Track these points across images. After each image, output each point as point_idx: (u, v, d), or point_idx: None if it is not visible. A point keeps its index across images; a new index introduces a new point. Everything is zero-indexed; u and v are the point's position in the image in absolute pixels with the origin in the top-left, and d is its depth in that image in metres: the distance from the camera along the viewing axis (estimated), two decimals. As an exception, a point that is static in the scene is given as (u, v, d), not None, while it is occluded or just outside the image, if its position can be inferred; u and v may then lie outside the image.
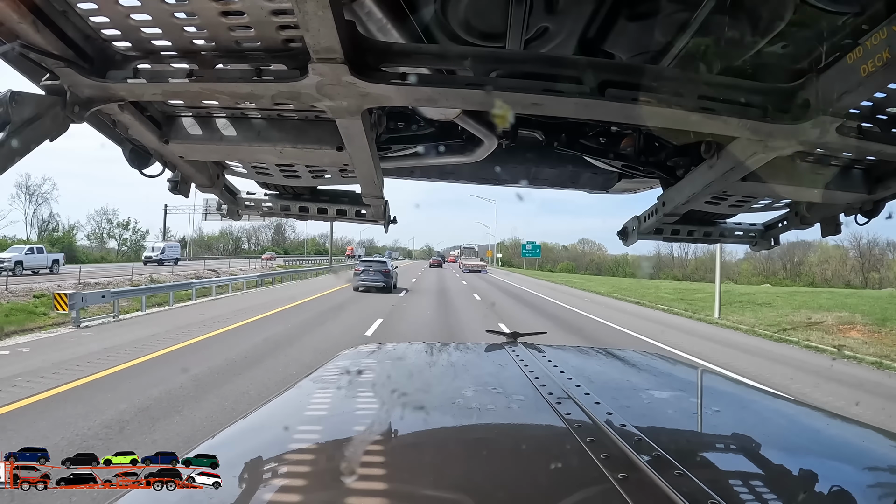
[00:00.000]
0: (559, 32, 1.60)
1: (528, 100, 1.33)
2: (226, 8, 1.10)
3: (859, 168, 1.92)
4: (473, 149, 2.04)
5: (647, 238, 2.46)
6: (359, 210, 2.38)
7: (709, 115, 1.36)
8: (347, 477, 0.96)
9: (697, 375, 1.93)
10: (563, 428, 1.14)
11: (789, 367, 11.37)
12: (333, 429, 1.28)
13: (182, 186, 2.00)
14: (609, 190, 2.74)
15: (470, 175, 2.59)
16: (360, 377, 1.75)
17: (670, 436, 1.22)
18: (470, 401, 1.42)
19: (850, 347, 13.94)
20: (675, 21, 1.50)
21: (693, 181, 1.97)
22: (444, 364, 1.97)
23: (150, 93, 1.37)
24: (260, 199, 2.43)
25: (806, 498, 1.00)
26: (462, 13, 1.54)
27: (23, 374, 8.22)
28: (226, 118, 1.67)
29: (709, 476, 0.94)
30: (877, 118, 1.49)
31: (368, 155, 1.67)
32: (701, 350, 12.72)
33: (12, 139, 1.20)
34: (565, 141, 2.21)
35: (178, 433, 5.71)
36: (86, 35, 1.24)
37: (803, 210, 2.22)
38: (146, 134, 1.62)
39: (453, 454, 1.13)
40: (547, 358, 1.71)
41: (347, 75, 1.21)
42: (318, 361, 1.86)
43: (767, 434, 1.32)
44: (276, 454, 1.14)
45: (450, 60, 1.39)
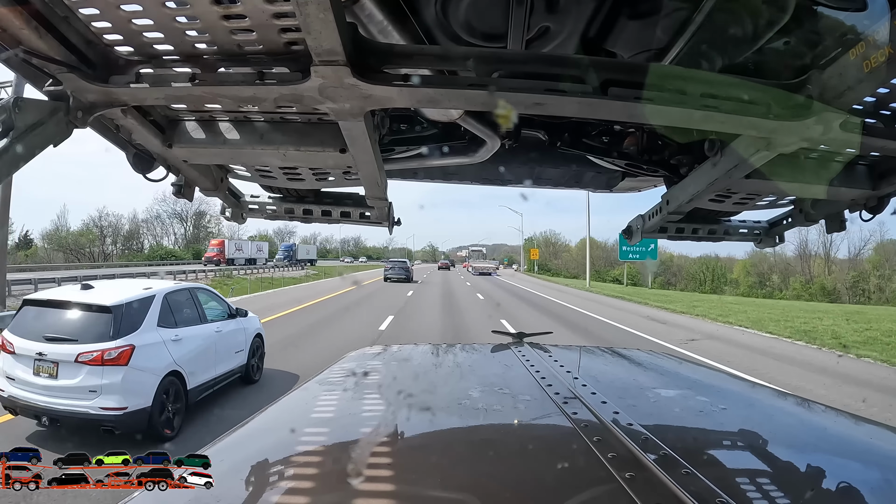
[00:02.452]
0: (560, 32, 1.60)
1: (530, 100, 1.33)
2: (227, 11, 1.10)
3: (863, 164, 1.91)
4: (476, 149, 2.04)
5: (651, 237, 2.45)
6: (363, 212, 2.38)
7: (712, 113, 1.36)
8: (354, 478, 0.95)
9: (704, 374, 1.92)
10: (569, 428, 1.13)
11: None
12: (340, 431, 1.28)
13: (186, 190, 2.01)
14: (613, 189, 2.73)
15: (473, 176, 2.59)
16: (365, 379, 1.75)
17: (677, 434, 1.22)
18: (476, 401, 1.41)
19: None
20: (676, 19, 1.49)
21: (697, 179, 1.97)
22: (449, 365, 1.97)
23: (152, 97, 1.38)
24: (264, 202, 2.43)
25: (814, 495, 0.99)
26: (463, 14, 1.54)
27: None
28: (228, 122, 1.67)
29: (716, 474, 0.94)
30: (880, 114, 1.49)
31: (372, 157, 1.67)
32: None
33: (16, 145, 1.20)
34: (568, 140, 2.20)
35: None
36: (88, 40, 1.25)
37: (807, 207, 2.21)
38: (149, 138, 1.63)
39: (460, 455, 1.12)
40: (553, 358, 1.70)
41: (350, 77, 1.21)
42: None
43: (775, 432, 1.31)
44: (283, 456, 1.14)
45: (452, 61, 1.39)
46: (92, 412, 5.25)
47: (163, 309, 6.28)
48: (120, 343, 5.49)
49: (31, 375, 5.40)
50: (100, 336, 5.50)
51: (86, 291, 5.95)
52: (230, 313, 7.93)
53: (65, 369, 5.35)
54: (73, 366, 5.33)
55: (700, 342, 14.08)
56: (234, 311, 8.07)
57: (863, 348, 13.34)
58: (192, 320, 6.92)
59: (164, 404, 5.80)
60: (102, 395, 5.29)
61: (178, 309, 6.69)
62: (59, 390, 5.32)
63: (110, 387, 5.32)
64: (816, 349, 13.74)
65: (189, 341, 6.56)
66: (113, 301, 5.75)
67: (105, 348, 5.39)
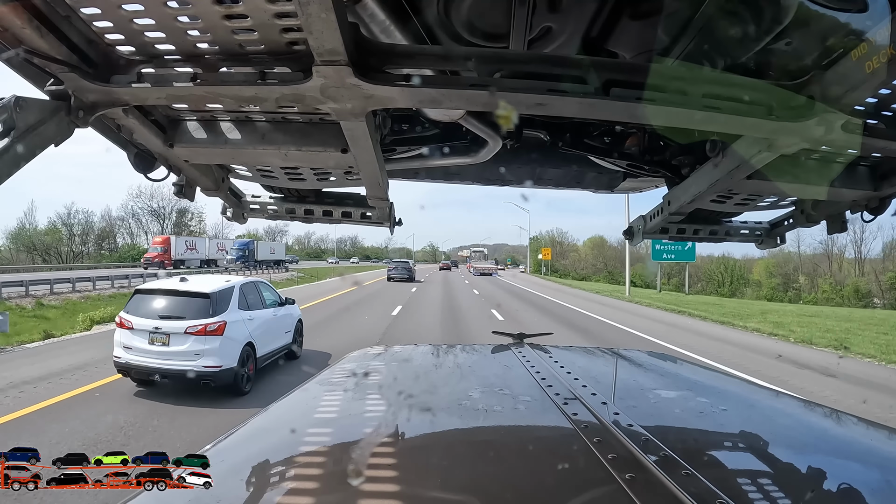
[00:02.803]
0: (562, 32, 1.60)
1: (532, 100, 1.33)
2: (229, 11, 1.10)
3: (865, 165, 1.91)
4: (478, 150, 2.04)
5: (652, 237, 2.45)
6: (364, 212, 2.38)
7: (713, 114, 1.36)
8: (354, 479, 0.95)
9: (704, 375, 1.92)
10: (570, 429, 1.13)
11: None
12: (340, 431, 1.28)
13: (187, 190, 2.01)
14: (614, 189, 2.73)
15: (475, 176, 2.59)
16: (366, 379, 1.74)
17: (678, 435, 1.22)
18: (476, 402, 1.41)
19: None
20: (678, 19, 1.49)
21: (698, 180, 1.97)
22: (450, 366, 1.97)
23: (154, 97, 1.37)
24: (265, 201, 2.43)
25: (815, 497, 0.99)
26: (465, 14, 1.54)
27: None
28: (230, 121, 1.67)
29: (717, 475, 0.94)
30: (882, 114, 1.48)
31: (373, 157, 1.67)
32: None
33: (17, 144, 1.20)
34: (570, 141, 2.20)
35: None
36: (89, 40, 1.25)
37: (809, 208, 2.21)
38: (151, 138, 1.63)
39: (460, 455, 1.12)
40: (553, 359, 1.70)
41: (351, 77, 1.21)
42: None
43: (775, 433, 1.31)
44: (283, 457, 1.14)
45: (453, 61, 1.39)
46: (196, 369, 7.43)
47: (240, 295, 8.62)
48: (217, 319, 7.80)
49: (147, 345, 7.58)
50: (202, 314, 7.77)
51: (184, 283, 8.38)
52: (281, 302, 10.12)
53: (175, 339, 7.58)
54: (182, 336, 7.58)
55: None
56: (284, 300, 10.33)
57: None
58: (257, 305, 9.16)
59: (244, 366, 8.05)
60: (204, 357, 7.51)
61: (248, 296, 8.94)
62: (171, 355, 7.54)
63: (210, 351, 7.56)
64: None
65: (257, 321, 8.80)
66: (211, 289, 8.15)
67: (207, 323, 7.69)
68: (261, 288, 9.80)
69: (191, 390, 7.61)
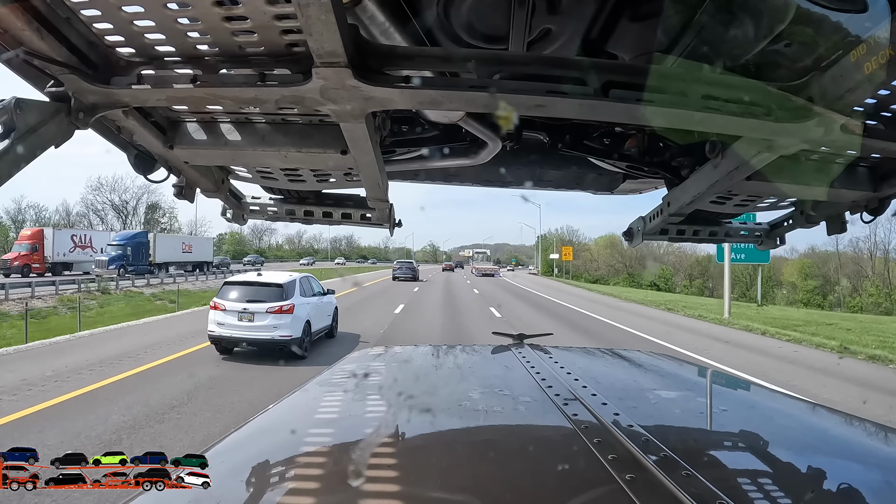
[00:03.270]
0: (562, 34, 1.60)
1: (531, 101, 1.33)
2: (229, 13, 1.10)
3: (864, 166, 1.91)
4: (478, 151, 2.04)
5: (652, 238, 2.45)
6: (364, 213, 2.38)
7: (713, 115, 1.36)
8: (354, 479, 0.95)
9: (705, 375, 1.92)
10: (570, 429, 1.13)
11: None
12: (340, 432, 1.28)
13: (187, 191, 2.01)
14: (614, 191, 2.73)
15: (474, 177, 2.59)
16: (366, 380, 1.75)
17: (678, 436, 1.22)
18: (477, 403, 1.41)
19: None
20: (677, 21, 1.49)
21: (698, 181, 1.97)
22: (450, 366, 1.97)
23: (154, 98, 1.38)
24: (265, 203, 2.43)
25: (815, 497, 0.99)
26: (464, 16, 1.54)
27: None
28: (230, 123, 1.67)
29: (717, 476, 0.94)
30: (881, 115, 1.48)
31: (373, 158, 1.67)
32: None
33: (17, 146, 1.20)
34: (569, 142, 2.20)
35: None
36: (90, 41, 1.25)
37: (808, 208, 2.21)
38: (151, 140, 1.63)
39: (461, 456, 1.12)
40: (553, 359, 1.70)
41: (351, 79, 1.21)
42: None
43: (775, 433, 1.31)
44: (283, 457, 1.14)
45: (453, 63, 1.39)
46: (275, 338, 10.72)
47: (300, 286, 11.80)
48: (288, 302, 10.98)
49: (237, 321, 10.72)
50: (277, 298, 10.95)
51: (261, 276, 11.91)
52: (323, 292, 13.22)
53: (258, 317, 10.75)
54: (264, 314, 10.74)
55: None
56: (325, 290, 13.43)
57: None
58: (309, 293, 12.21)
59: (304, 336, 11.21)
60: (280, 329, 10.75)
61: (304, 286, 12.05)
62: (255, 328, 10.75)
63: (284, 325, 10.78)
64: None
65: (310, 305, 11.89)
66: (283, 280, 11.50)
67: (282, 304, 10.84)
68: (311, 281, 12.86)
69: (261, 356, 10.77)
